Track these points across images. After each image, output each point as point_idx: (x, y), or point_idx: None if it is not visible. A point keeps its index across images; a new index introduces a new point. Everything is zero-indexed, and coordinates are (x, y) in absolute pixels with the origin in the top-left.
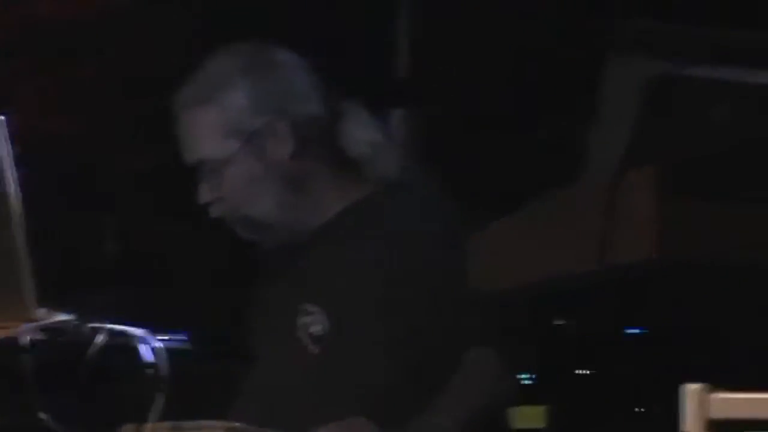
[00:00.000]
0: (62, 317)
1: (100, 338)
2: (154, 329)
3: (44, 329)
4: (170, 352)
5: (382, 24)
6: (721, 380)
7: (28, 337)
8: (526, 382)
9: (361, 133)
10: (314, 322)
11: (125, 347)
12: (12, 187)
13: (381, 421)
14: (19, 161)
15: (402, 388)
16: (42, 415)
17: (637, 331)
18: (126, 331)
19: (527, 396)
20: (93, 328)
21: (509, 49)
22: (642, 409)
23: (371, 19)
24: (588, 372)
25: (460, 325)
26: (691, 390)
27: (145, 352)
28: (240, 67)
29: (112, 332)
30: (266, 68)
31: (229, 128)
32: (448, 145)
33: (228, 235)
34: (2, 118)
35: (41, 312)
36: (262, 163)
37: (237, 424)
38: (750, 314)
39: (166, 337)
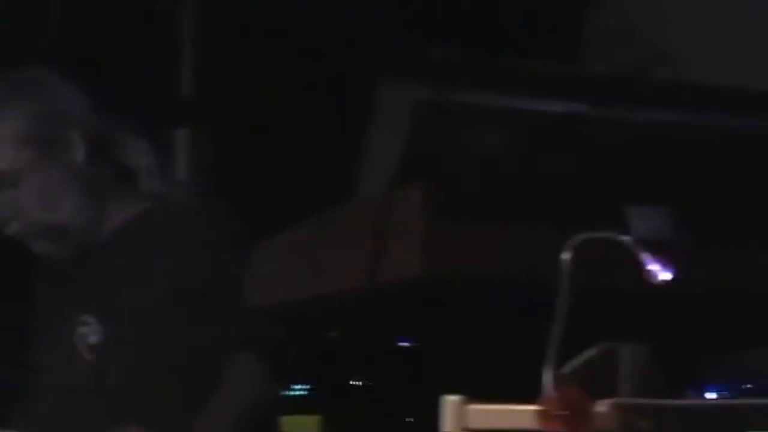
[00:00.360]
0: None
1: None
2: None
3: None
4: None
5: (167, 43)
6: (481, 391)
7: None
8: (301, 392)
9: (136, 150)
10: (90, 333)
11: None
12: None
13: (153, 428)
14: None
15: (173, 395)
16: None
17: (406, 344)
18: None
19: (302, 405)
20: None
21: (288, 74)
22: (411, 419)
23: (158, 39)
24: (361, 383)
25: (228, 335)
26: (450, 401)
27: None
28: (16, 87)
29: None
30: (40, 88)
31: (18, 138)
32: (230, 162)
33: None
34: None
35: None
36: (57, 170)
37: None
38: (509, 329)
39: None
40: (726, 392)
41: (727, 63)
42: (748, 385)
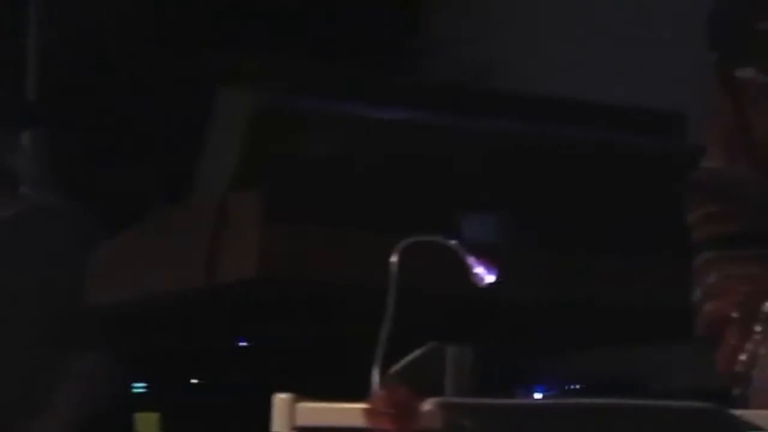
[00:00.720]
0: None
1: None
2: None
3: None
4: None
5: (11, 44)
6: (316, 389)
7: None
8: (141, 390)
9: (11, 152)
10: None
11: None
12: None
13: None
14: None
15: (17, 395)
16: None
17: (244, 343)
18: None
19: (142, 403)
20: None
21: (131, 78)
22: (248, 417)
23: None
24: (200, 381)
25: (70, 333)
26: (279, 399)
27: None
28: None
29: None
30: None
31: None
32: (76, 164)
33: None
34: None
35: None
36: None
37: None
38: (342, 329)
39: None
40: (554, 392)
41: (554, 73)
42: (576, 386)
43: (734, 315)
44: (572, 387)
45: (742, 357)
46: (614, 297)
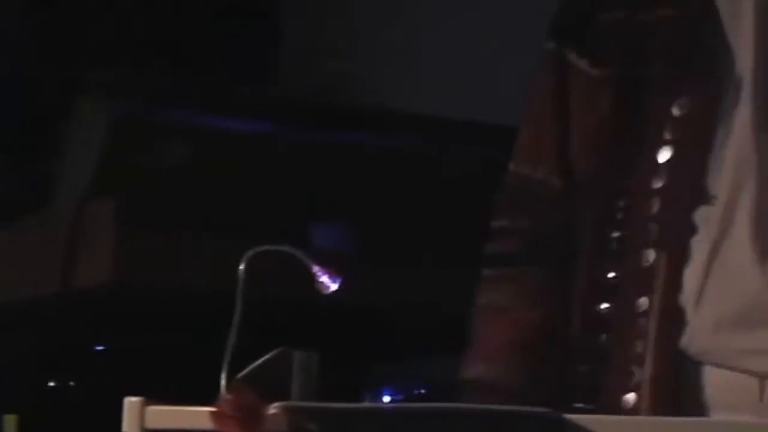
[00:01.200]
0: None
1: None
2: None
3: None
4: None
5: None
6: (170, 393)
7: None
8: None
9: None
10: None
11: None
12: None
13: None
14: None
15: None
16: None
17: (101, 347)
18: None
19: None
20: None
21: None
22: (105, 420)
23: None
24: (58, 384)
25: None
26: (129, 402)
27: None
28: None
29: None
30: None
31: None
32: None
33: None
34: None
35: None
36: None
37: None
38: (196, 334)
39: None
40: (400, 396)
41: (412, 88)
42: (422, 390)
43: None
44: (419, 391)
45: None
46: (458, 303)
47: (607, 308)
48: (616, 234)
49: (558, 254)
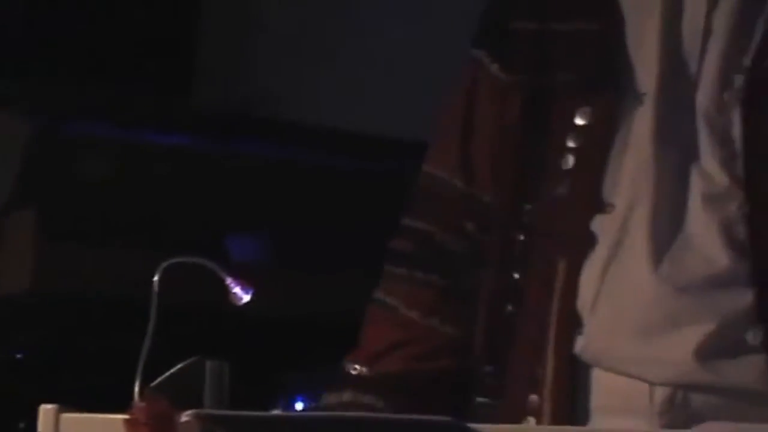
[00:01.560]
0: None
1: None
2: None
3: None
4: None
5: None
6: (90, 400)
7: None
8: None
9: None
10: None
11: None
12: None
13: None
14: None
15: None
16: None
17: (20, 355)
18: None
19: None
20: None
21: None
22: (23, 426)
23: None
24: None
25: None
26: (44, 410)
27: None
28: None
29: None
30: None
31: None
32: None
33: None
34: None
35: None
36: None
37: None
38: (113, 343)
39: None
40: (313, 404)
41: (328, 105)
42: None
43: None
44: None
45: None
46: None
47: (510, 311)
48: (521, 237)
49: (453, 257)
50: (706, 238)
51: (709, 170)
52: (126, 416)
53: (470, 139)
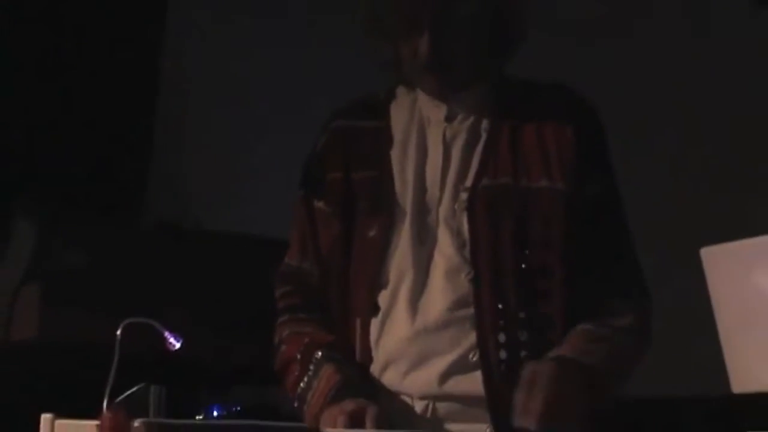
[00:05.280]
0: None
1: None
2: None
3: None
4: None
5: None
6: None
7: None
8: None
9: None
10: None
11: None
12: None
13: None
14: None
15: None
16: None
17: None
18: None
19: None
20: None
21: None
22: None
23: None
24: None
25: None
26: (44, 417)
27: None
28: None
29: None
30: None
31: None
32: None
33: None
34: None
35: None
36: None
37: None
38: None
39: None
40: (223, 413)
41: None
42: (237, 408)
43: (298, 356)
44: (235, 409)
45: (302, 384)
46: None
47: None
48: (341, 303)
49: (321, 308)
50: (445, 298)
51: (448, 254)
52: (97, 422)
53: (317, 247)
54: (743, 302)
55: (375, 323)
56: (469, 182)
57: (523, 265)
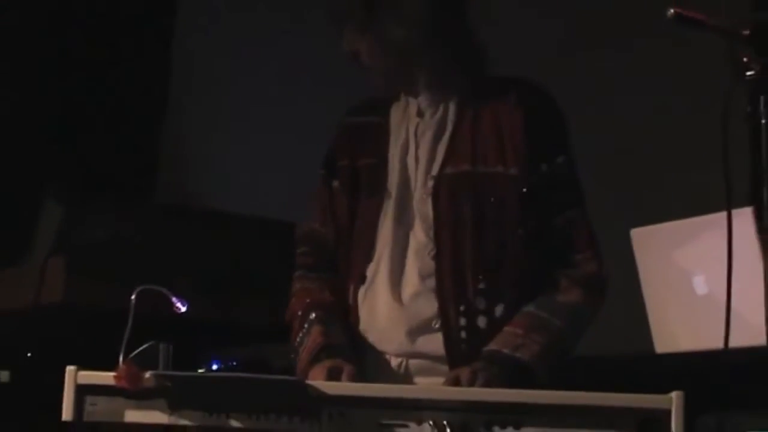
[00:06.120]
0: None
1: None
2: None
3: None
4: None
5: None
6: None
7: None
8: None
9: None
10: None
11: None
12: None
13: None
14: None
15: None
16: None
17: (57, 339)
18: None
19: None
20: None
21: None
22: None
23: None
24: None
25: None
26: (69, 369)
27: None
28: None
29: None
30: None
31: None
32: None
33: None
34: None
35: None
36: None
37: None
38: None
39: None
40: (221, 366)
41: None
42: (234, 363)
43: (299, 313)
44: (232, 364)
45: (297, 339)
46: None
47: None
48: (344, 270)
49: (332, 268)
50: (413, 273)
51: (417, 235)
52: (114, 374)
53: (333, 214)
54: (666, 276)
55: (362, 290)
56: (434, 171)
57: (480, 243)
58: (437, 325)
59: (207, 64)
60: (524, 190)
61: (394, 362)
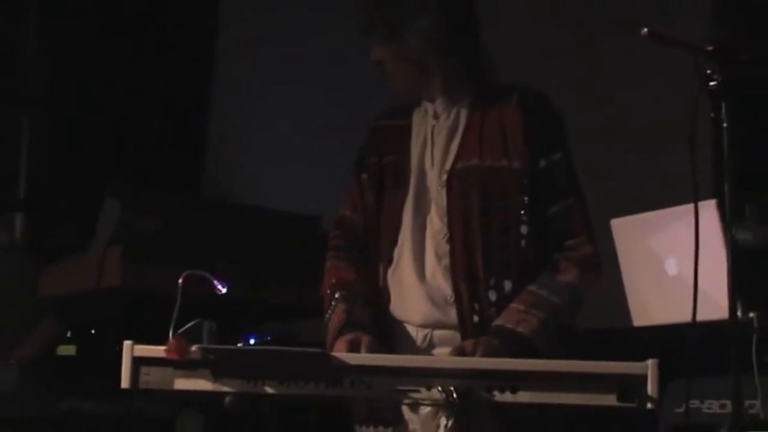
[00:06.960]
0: None
1: None
2: None
3: None
4: None
5: None
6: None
7: None
8: None
9: None
10: None
11: None
12: None
13: None
14: None
15: None
16: None
17: (116, 318)
18: None
19: None
20: None
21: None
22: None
23: None
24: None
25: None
26: (126, 343)
27: None
28: None
29: None
30: None
31: None
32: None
33: None
34: None
35: None
36: None
37: None
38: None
39: None
40: (258, 340)
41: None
42: (268, 338)
43: (328, 292)
44: (266, 339)
45: (326, 316)
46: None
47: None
48: (373, 251)
49: (360, 249)
50: (431, 254)
51: (434, 221)
52: (164, 347)
53: (363, 202)
54: (642, 259)
55: (390, 271)
56: (448, 166)
57: (487, 227)
58: (452, 300)
59: (247, 67)
60: (526, 181)
61: (421, 333)
